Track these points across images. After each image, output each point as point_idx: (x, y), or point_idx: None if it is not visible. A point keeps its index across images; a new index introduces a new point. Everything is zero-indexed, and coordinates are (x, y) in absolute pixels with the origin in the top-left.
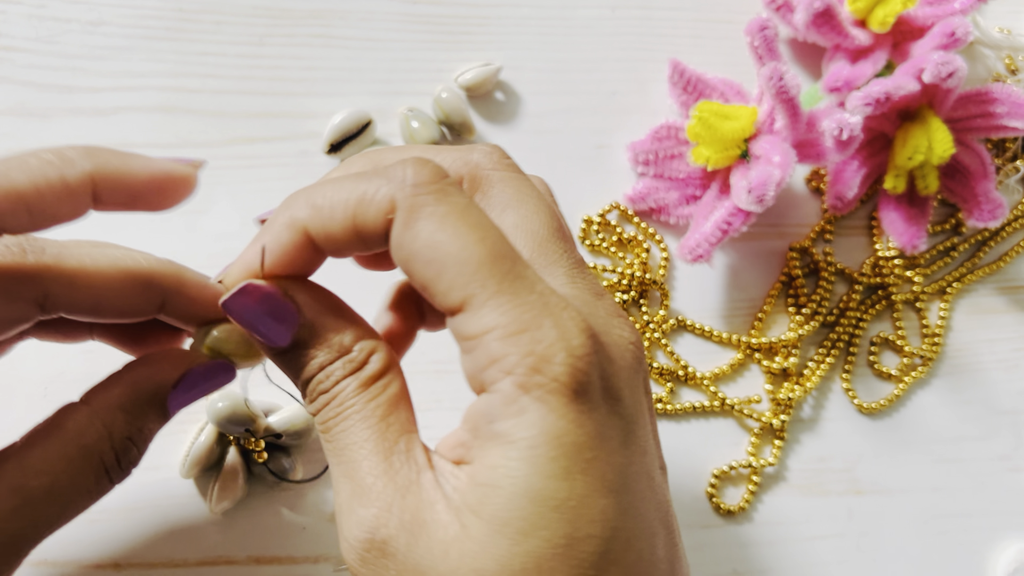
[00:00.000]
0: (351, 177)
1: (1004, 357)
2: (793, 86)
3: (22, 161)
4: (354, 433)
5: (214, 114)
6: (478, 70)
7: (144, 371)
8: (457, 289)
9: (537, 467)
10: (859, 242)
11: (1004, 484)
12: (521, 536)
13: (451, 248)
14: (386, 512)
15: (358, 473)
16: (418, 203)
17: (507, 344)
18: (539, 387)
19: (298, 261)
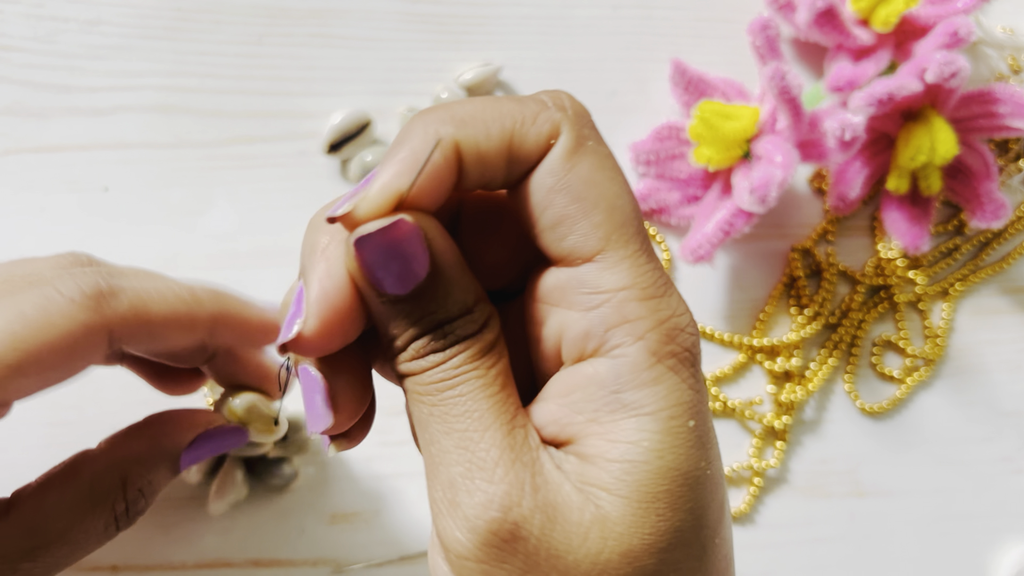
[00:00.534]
0: (499, 99)
1: (1007, 358)
2: (795, 86)
3: (160, 293)
4: (472, 401)
5: (213, 114)
6: (478, 70)
7: (163, 428)
8: (599, 234)
9: (680, 439)
10: (862, 243)
11: (1007, 486)
12: (670, 511)
13: (607, 191)
14: (518, 491)
15: (478, 446)
16: (584, 135)
17: (643, 307)
18: (672, 356)
19: (443, 187)
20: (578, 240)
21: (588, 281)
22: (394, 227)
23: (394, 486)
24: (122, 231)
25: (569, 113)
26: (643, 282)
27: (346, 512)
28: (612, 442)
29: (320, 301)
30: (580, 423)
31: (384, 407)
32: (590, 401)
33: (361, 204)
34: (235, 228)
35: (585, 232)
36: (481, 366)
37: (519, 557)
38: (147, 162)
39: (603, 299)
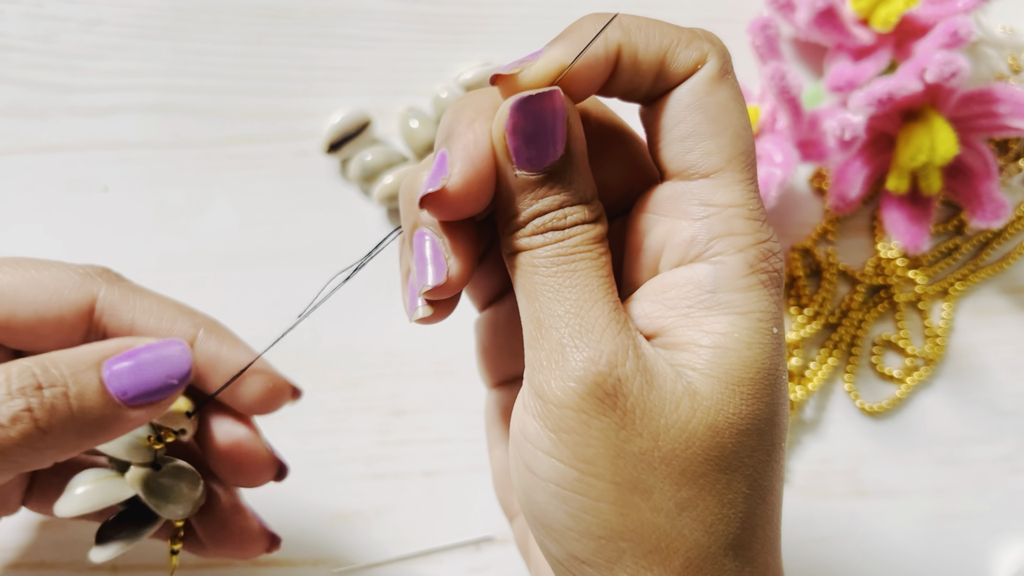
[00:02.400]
0: (661, 21)
1: (1008, 358)
2: (795, 86)
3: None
4: (584, 277)
5: (212, 113)
6: (478, 69)
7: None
8: (722, 155)
9: (767, 338)
10: (862, 242)
11: (1007, 486)
12: (752, 399)
13: (736, 120)
14: (623, 352)
15: (588, 312)
16: (727, 68)
17: (747, 224)
18: (765, 272)
19: (597, 80)
20: (701, 156)
21: (702, 194)
22: (549, 96)
23: (394, 486)
24: (121, 231)
25: (717, 48)
26: (751, 204)
27: (346, 512)
28: (704, 332)
29: (465, 161)
30: (672, 317)
31: (383, 407)
32: (685, 299)
33: (527, 70)
34: (234, 228)
35: (710, 150)
36: (595, 250)
37: (617, 412)
38: (146, 162)
39: (713, 211)
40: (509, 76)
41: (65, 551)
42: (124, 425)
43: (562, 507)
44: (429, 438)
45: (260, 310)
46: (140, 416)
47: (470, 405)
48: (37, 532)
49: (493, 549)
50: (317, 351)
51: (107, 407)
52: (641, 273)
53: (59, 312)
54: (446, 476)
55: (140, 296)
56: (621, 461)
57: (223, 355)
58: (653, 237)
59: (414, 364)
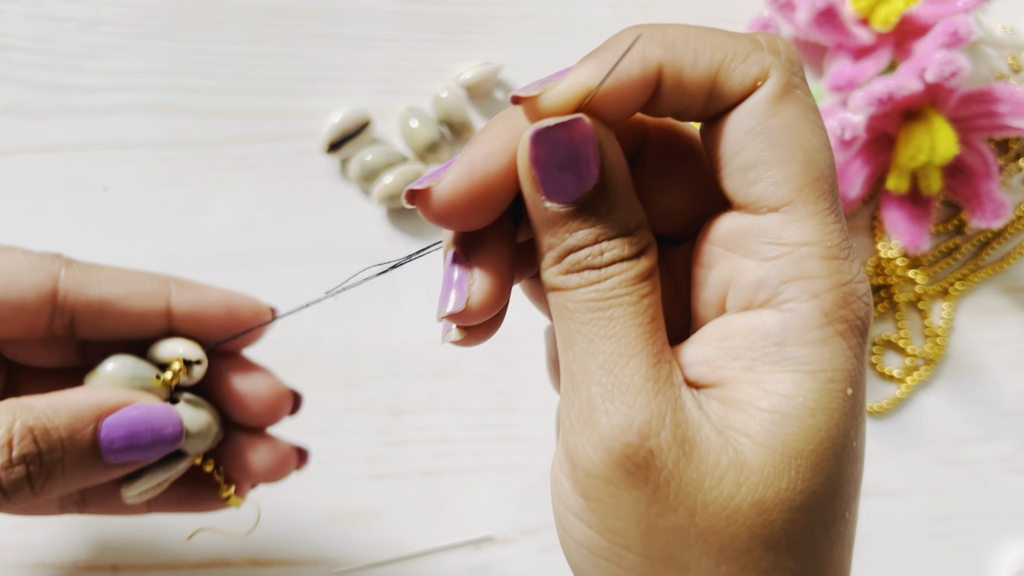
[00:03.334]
0: (714, 30)
1: (1007, 358)
2: None
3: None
4: (622, 326)
5: (212, 113)
6: (478, 69)
7: (83, 389)
8: (791, 185)
9: (836, 403)
10: (862, 242)
11: (1008, 486)
12: (810, 472)
13: (806, 142)
14: (658, 420)
15: (623, 371)
16: (793, 83)
17: (823, 266)
18: (844, 321)
19: (633, 103)
20: (768, 188)
21: (771, 231)
22: (572, 125)
23: (394, 486)
24: (121, 230)
25: (782, 58)
26: (828, 241)
27: (346, 512)
28: (765, 391)
29: (463, 171)
30: (734, 369)
31: (383, 407)
32: (750, 349)
33: (548, 93)
34: (234, 227)
35: (777, 180)
36: (635, 292)
37: (648, 486)
38: (146, 161)
39: (783, 251)
40: (529, 99)
41: (65, 551)
42: (109, 477)
43: (593, 570)
44: (429, 438)
45: None
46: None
47: (470, 405)
48: (37, 532)
49: (493, 549)
50: (317, 351)
51: (98, 466)
52: (707, 309)
53: (20, 295)
54: (446, 476)
55: (101, 270)
56: (653, 536)
57: (204, 299)
58: (718, 273)
59: (414, 364)
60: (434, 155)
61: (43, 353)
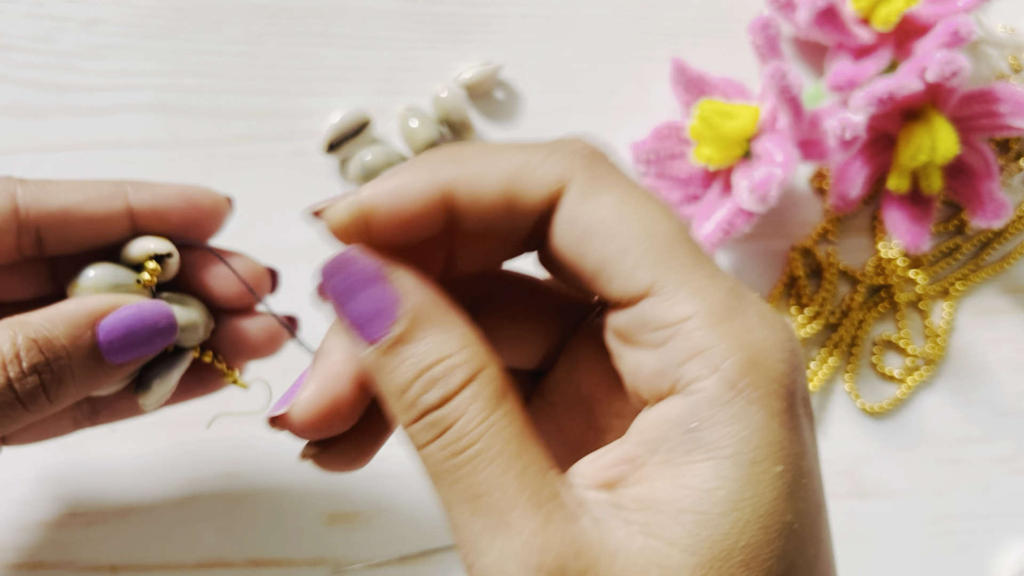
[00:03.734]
0: (503, 145)
1: (1008, 358)
2: (796, 85)
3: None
4: (492, 473)
5: (211, 113)
6: (478, 69)
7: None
8: (646, 268)
9: (764, 486)
10: (862, 242)
11: (1008, 486)
12: (744, 570)
13: (640, 222)
14: (559, 560)
15: (509, 522)
16: (599, 172)
17: (713, 334)
18: (755, 387)
19: (422, 227)
20: (625, 280)
21: (650, 318)
22: (345, 260)
23: (394, 486)
24: None
25: (580, 156)
26: (709, 307)
27: (346, 512)
28: (685, 487)
29: (312, 387)
30: (655, 463)
31: None
32: (665, 440)
33: (330, 211)
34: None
35: (630, 270)
36: (492, 423)
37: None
38: (146, 161)
39: (669, 333)
40: (320, 212)
41: (65, 551)
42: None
43: None
44: None
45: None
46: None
47: None
48: (37, 532)
49: None
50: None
51: (103, 370)
52: (637, 401)
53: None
54: None
55: (55, 183)
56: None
57: (161, 194)
58: (627, 368)
59: None
60: None
61: (17, 284)
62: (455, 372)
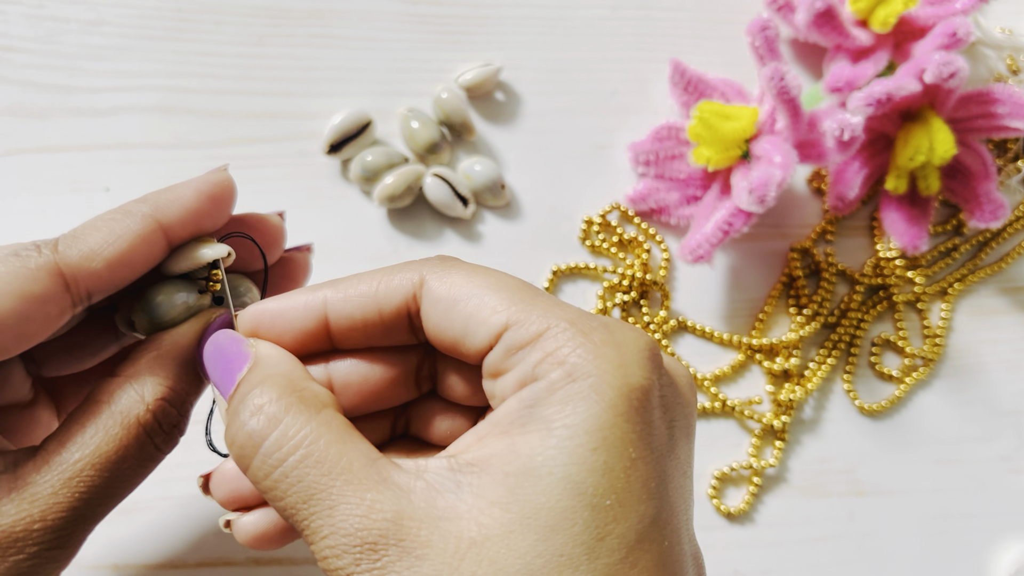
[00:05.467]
0: (368, 272)
1: (1006, 358)
2: (794, 86)
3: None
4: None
5: (213, 114)
6: (478, 70)
7: (164, 335)
8: (500, 311)
9: (577, 457)
10: (860, 243)
11: (1006, 485)
12: (549, 531)
13: (488, 284)
14: (391, 526)
15: (336, 511)
16: (447, 265)
17: (562, 337)
18: (591, 377)
19: (306, 335)
20: (485, 328)
21: (509, 345)
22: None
23: None
24: None
25: (430, 262)
26: (562, 322)
27: None
28: (514, 453)
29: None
30: (494, 434)
31: None
32: (507, 416)
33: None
34: None
35: (486, 317)
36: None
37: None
38: (148, 162)
39: (527, 350)
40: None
41: None
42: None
43: None
44: None
45: None
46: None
47: None
48: None
49: None
50: None
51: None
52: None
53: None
54: None
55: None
56: None
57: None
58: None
59: None
60: (435, 156)
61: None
62: (263, 393)
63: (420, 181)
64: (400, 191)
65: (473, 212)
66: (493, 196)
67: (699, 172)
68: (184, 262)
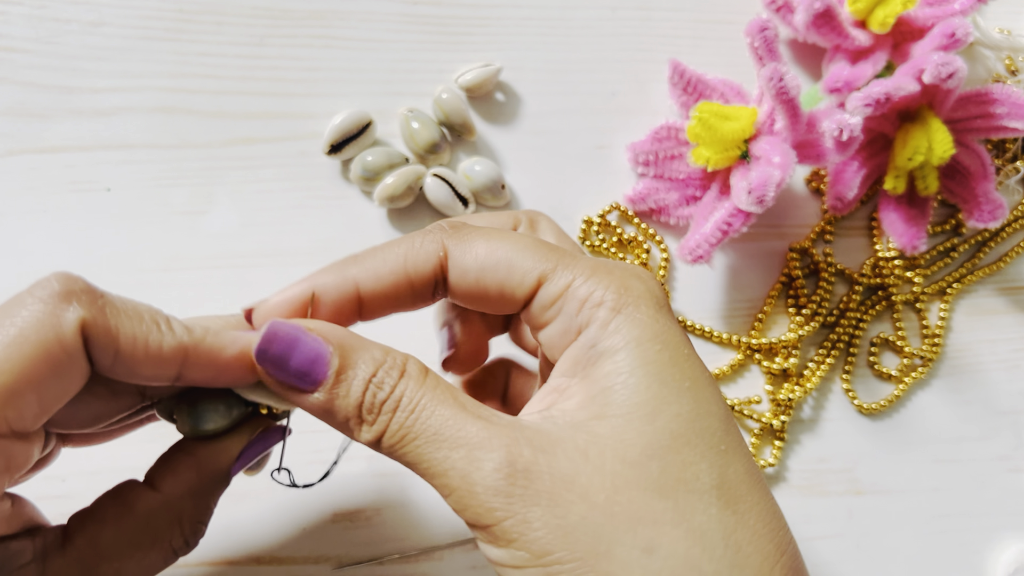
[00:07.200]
0: (393, 240)
1: (1004, 357)
2: (793, 87)
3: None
4: (439, 415)
5: (214, 115)
6: (478, 71)
7: (207, 452)
8: (531, 271)
9: (650, 357)
10: (859, 243)
11: (1004, 484)
12: (651, 416)
13: (511, 248)
14: (516, 446)
15: (467, 434)
16: (466, 232)
17: (591, 284)
18: (629, 304)
19: (339, 314)
20: (521, 287)
21: (544, 299)
22: (272, 333)
23: (396, 484)
24: (124, 231)
25: (447, 229)
26: (583, 272)
27: (348, 510)
28: (594, 381)
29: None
30: (575, 383)
31: None
32: (577, 363)
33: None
34: (236, 228)
35: (519, 279)
36: (427, 390)
37: (543, 496)
38: (149, 163)
39: (561, 301)
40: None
41: None
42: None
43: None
44: None
45: None
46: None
47: None
48: None
49: None
50: None
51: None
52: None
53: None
54: None
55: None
56: (571, 536)
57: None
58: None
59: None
60: (435, 156)
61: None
62: (390, 372)
63: (420, 181)
64: (400, 191)
65: (473, 212)
66: (493, 196)
67: (698, 172)
68: (263, 396)
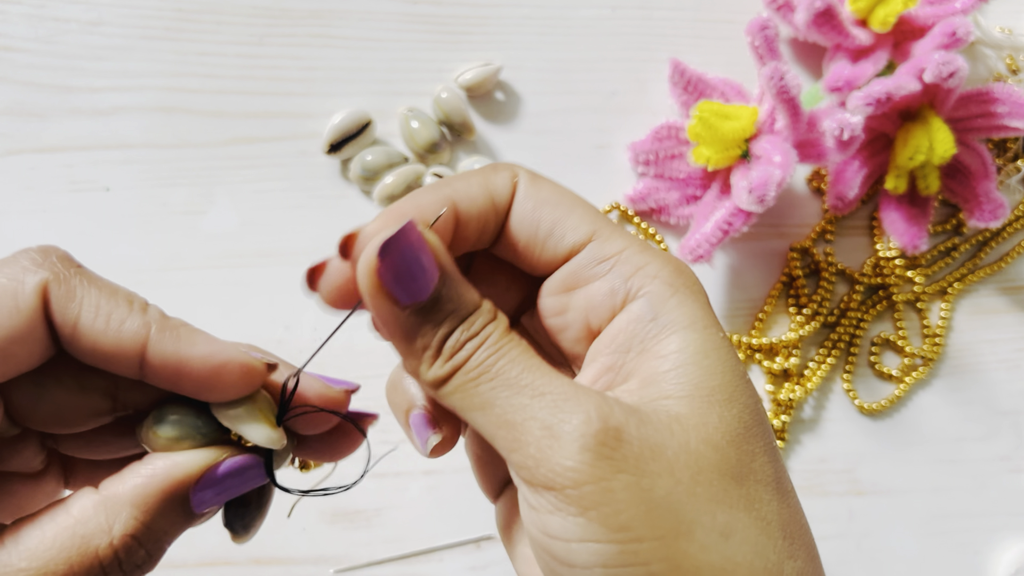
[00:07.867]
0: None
1: (1005, 357)
2: (794, 86)
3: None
4: (526, 359)
5: (213, 114)
6: (478, 70)
7: (162, 461)
8: (586, 224)
9: (717, 341)
10: (860, 242)
11: (1005, 484)
12: (728, 402)
13: (574, 197)
14: (606, 405)
15: (552, 387)
16: (534, 174)
17: (646, 255)
18: (685, 286)
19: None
20: (574, 233)
21: (596, 254)
22: (406, 229)
23: (395, 485)
24: (123, 231)
25: (514, 167)
26: (635, 244)
27: (347, 511)
28: (663, 357)
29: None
30: (632, 359)
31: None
32: (635, 336)
33: (367, 224)
34: (236, 227)
35: (576, 224)
36: (512, 341)
37: (630, 463)
38: (148, 162)
39: (613, 261)
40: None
41: None
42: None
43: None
44: None
45: (262, 309)
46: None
47: None
48: None
49: (493, 547)
50: None
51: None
52: (578, 345)
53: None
54: (446, 475)
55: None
56: (655, 512)
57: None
58: (574, 309)
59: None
60: (434, 156)
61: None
62: (484, 312)
63: (420, 180)
64: (400, 191)
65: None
66: None
67: (699, 172)
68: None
